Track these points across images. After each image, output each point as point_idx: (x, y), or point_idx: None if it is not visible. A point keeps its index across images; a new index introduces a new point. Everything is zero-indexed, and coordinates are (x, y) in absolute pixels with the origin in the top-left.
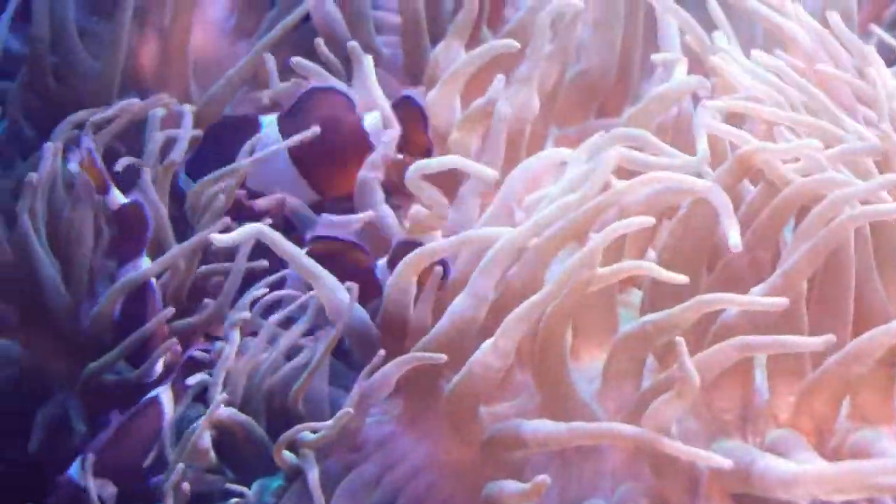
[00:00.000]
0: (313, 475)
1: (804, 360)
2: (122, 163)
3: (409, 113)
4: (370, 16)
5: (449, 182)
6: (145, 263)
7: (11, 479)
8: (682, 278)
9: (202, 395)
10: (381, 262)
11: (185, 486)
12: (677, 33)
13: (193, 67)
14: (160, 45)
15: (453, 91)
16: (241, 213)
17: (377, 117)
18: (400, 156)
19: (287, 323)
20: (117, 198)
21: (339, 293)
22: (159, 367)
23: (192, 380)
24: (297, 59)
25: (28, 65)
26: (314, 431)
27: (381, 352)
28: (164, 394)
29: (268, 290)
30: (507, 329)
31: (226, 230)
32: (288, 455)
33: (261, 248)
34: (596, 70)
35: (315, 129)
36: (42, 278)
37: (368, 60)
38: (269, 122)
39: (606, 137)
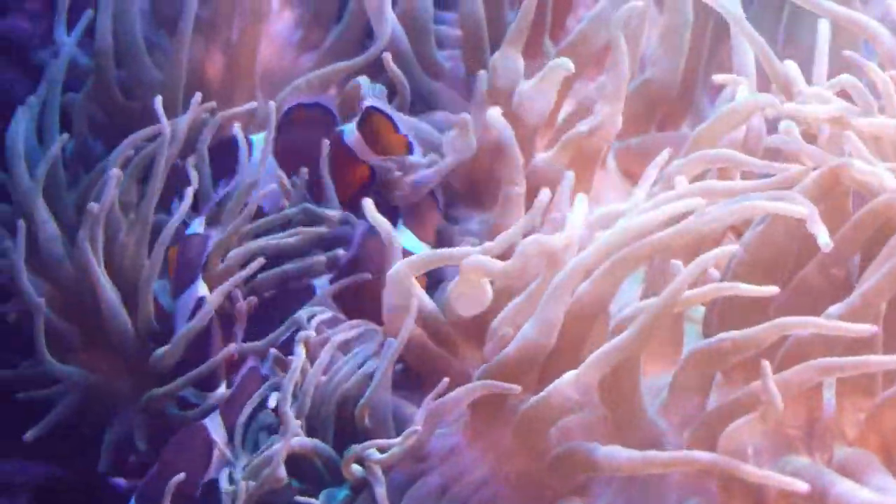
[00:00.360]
0: (381, 491)
1: (875, 378)
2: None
3: (377, 121)
4: (432, 30)
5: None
6: (202, 288)
7: (74, 494)
8: (771, 289)
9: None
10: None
11: None
12: (751, 55)
13: (259, 80)
14: (227, 59)
15: (553, 84)
16: None
17: (353, 129)
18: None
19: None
20: (198, 228)
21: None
22: (222, 389)
23: (271, 401)
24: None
25: (93, 78)
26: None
27: (445, 380)
28: (212, 420)
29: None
30: (592, 365)
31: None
32: (355, 467)
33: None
34: (659, 81)
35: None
36: (103, 300)
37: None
38: (258, 139)
39: (689, 160)
